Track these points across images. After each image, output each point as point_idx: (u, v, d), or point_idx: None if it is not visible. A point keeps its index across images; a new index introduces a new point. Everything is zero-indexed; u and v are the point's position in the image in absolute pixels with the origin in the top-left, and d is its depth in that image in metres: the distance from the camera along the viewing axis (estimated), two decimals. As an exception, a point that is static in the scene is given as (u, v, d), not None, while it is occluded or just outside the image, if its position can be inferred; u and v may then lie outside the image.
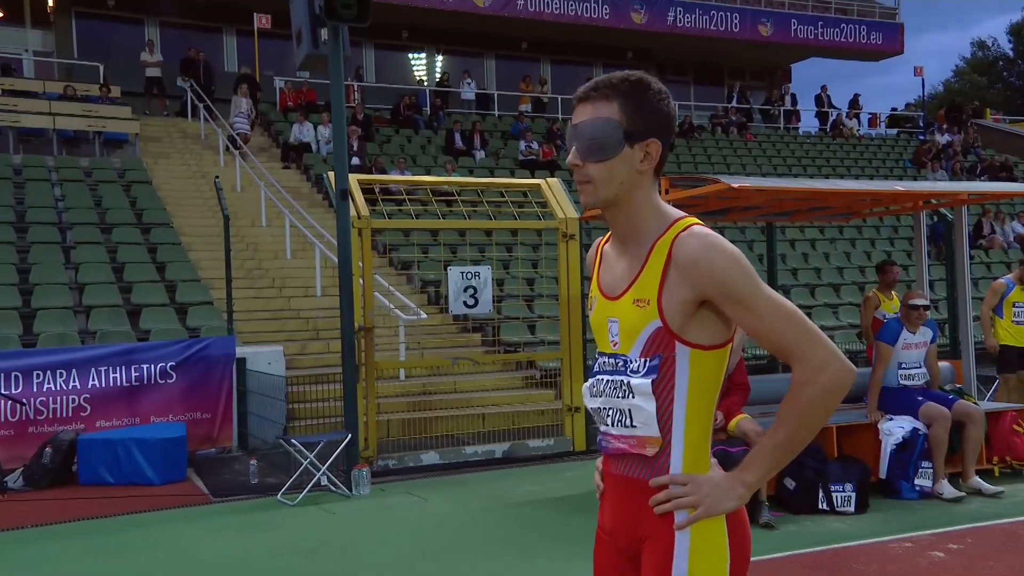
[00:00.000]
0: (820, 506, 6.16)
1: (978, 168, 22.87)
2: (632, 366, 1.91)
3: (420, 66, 24.53)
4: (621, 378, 1.93)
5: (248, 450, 8.84)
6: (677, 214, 1.93)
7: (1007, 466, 7.04)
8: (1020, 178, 22.44)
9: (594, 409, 2.03)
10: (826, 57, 27.41)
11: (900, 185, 8.62)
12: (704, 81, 27.28)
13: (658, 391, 1.87)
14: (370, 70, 22.84)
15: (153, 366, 8.56)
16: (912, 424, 6.53)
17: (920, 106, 29.95)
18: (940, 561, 5.09)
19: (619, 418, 1.94)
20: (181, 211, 14.15)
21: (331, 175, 7.87)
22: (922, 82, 27.94)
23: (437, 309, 12.01)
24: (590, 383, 2.04)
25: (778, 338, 1.83)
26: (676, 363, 1.87)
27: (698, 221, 1.90)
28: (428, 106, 20.85)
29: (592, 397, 2.02)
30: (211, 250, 12.76)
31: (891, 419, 6.62)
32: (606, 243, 2.08)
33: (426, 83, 23.39)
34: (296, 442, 7.15)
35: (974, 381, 7.92)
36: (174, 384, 8.63)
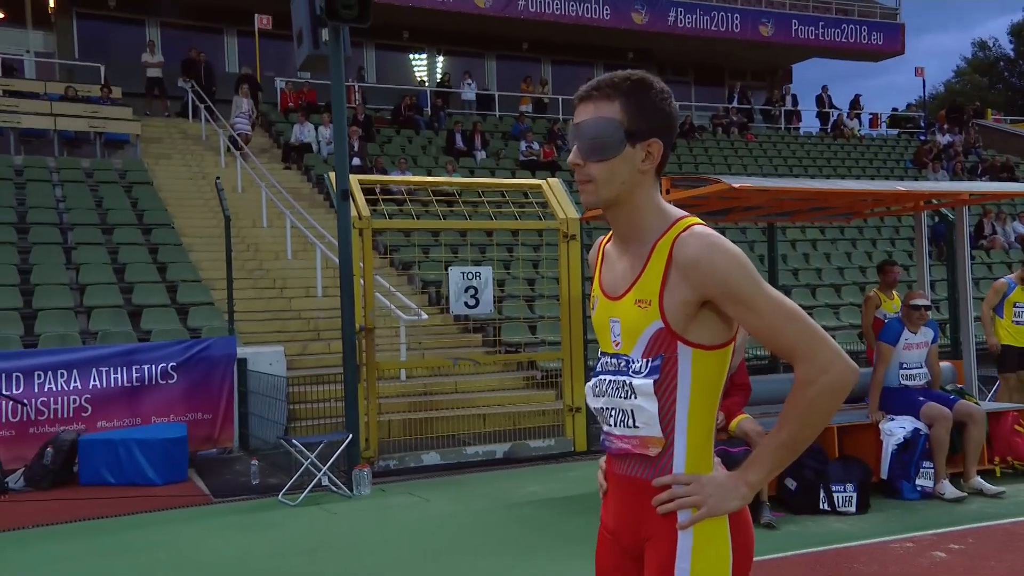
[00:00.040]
0: (821, 506, 6.16)
1: (979, 168, 22.86)
2: (634, 366, 1.91)
3: (421, 67, 24.54)
4: (623, 378, 1.93)
5: (249, 450, 8.85)
6: (678, 213, 1.93)
7: (1008, 466, 7.03)
8: (1021, 178, 22.42)
9: (597, 409, 2.02)
10: (827, 57, 27.40)
11: (901, 185, 8.61)
12: (705, 81, 27.28)
13: (660, 391, 1.87)
14: (371, 71, 22.85)
15: (154, 367, 8.58)
16: (913, 424, 6.53)
17: (921, 106, 29.96)
18: (941, 561, 5.09)
19: (622, 418, 1.94)
20: (182, 212, 14.16)
21: (332, 175, 7.87)
22: (923, 82, 27.99)
23: (438, 309, 12.01)
24: (593, 383, 2.03)
25: (780, 338, 1.82)
26: (678, 363, 1.86)
27: (699, 221, 1.90)
28: (429, 107, 20.86)
29: (595, 397, 2.02)
30: (212, 251, 12.77)
31: (892, 419, 6.62)
32: (608, 242, 2.07)
33: (427, 84, 23.40)
34: (297, 442, 7.16)
35: (975, 381, 7.92)
36: (175, 384, 8.63)
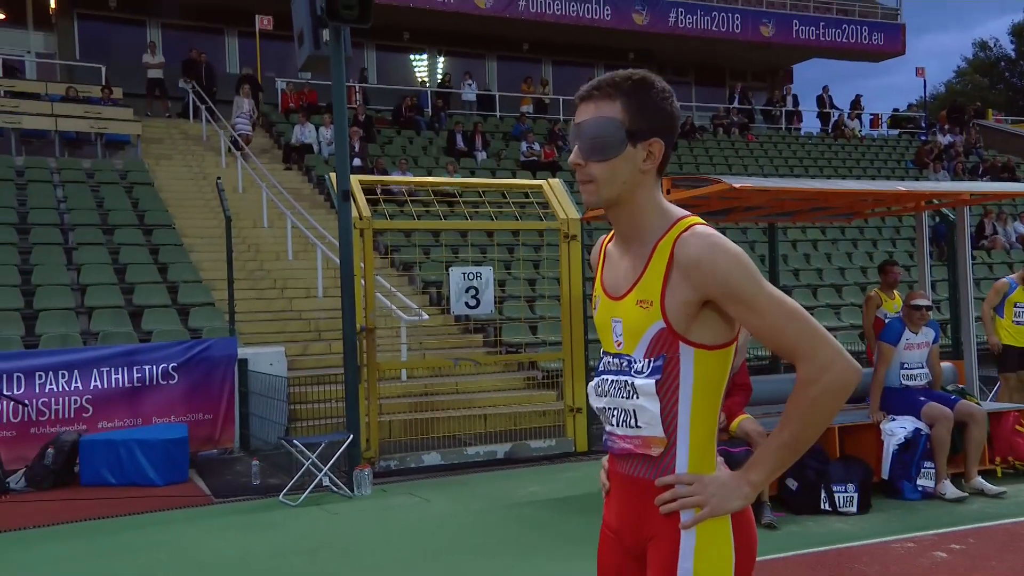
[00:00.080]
0: (822, 506, 6.16)
1: (980, 169, 22.84)
2: (636, 366, 1.90)
3: (422, 67, 24.54)
4: (625, 378, 1.92)
5: (250, 451, 8.85)
6: (680, 213, 1.92)
7: (1009, 466, 7.03)
8: (1022, 178, 22.42)
9: (599, 409, 2.02)
10: (828, 58, 27.39)
11: (902, 185, 8.61)
12: (705, 82, 27.26)
13: (662, 391, 1.87)
14: (372, 71, 22.85)
15: (155, 367, 8.58)
16: (914, 424, 6.52)
17: (922, 107, 29.94)
18: (942, 561, 5.08)
19: (624, 418, 1.94)
20: (183, 212, 14.17)
21: (333, 176, 7.87)
22: (924, 83, 27.99)
23: (439, 310, 12.02)
24: (595, 383, 2.03)
25: (782, 337, 1.82)
26: (680, 363, 1.86)
27: (701, 220, 1.89)
28: (430, 107, 20.86)
29: (597, 397, 2.02)
30: (213, 251, 12.77)
31: (893, 419, 6.62)
32: (610, 241, 2.06)
33: (428, 84, 23.40)
34: (298, 443, 7.15)
35: (976, 381, 7.91)
36: (176, 385, 8.64)
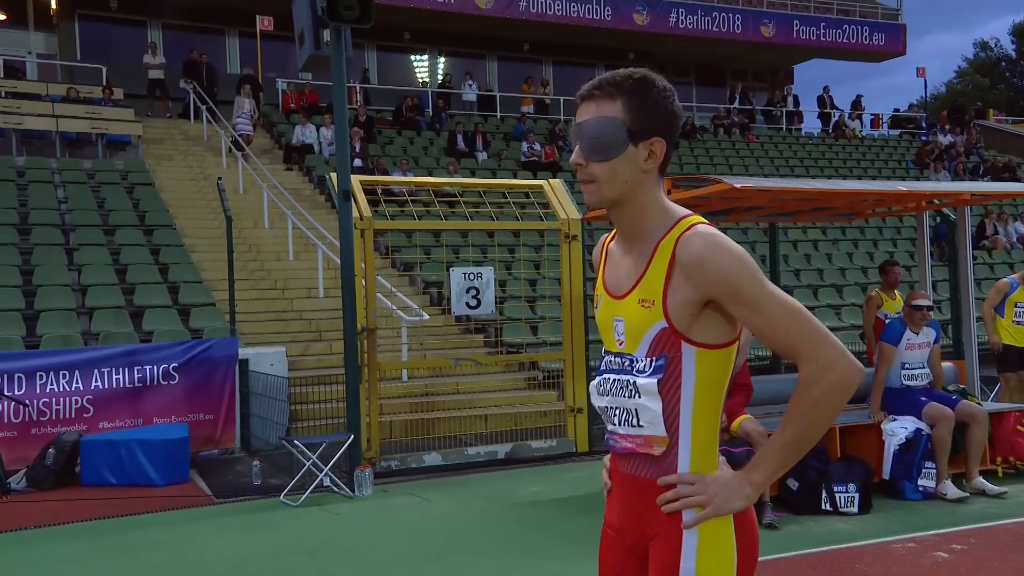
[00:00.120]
0: (823, 506, 6.15)
1: (981, 169, 22.83)
2: (638, 365, 1.90)
3: (422, 68, 24.54)
4: (627, 377, 1.92)
5: (251, 451, 8.85)
6: (682, 212, 1.92)
7: (1011, 466, 7.02)
8: (1023, 179, 22.40)
9: (601, 408, 2.02)
10: (828, 58, 27.39)
11: (903, 185, 8.60)
12: (706, 82, 27.26)
13: (664, 391, 1.87)
14: (372, 72, 22.86)
15: (156, 367, 8.58)
16: (915, 424, 6.52)
17: (922, 107, 29.92)
18: (944, 562, 5.08)
19: (626, 417, 1.93)
20: (184, 213, 14.17)
21: (333, 176, 7.87)
22: (924, 83, 27.99)
23: (439, 310, 12.02)
24: (597, 381, 2.03)
25: (784, 337, 1.82)
26: (682, 363, 1.86)
27: (703, 220, 1.89)
28: (430, 107, 20.87)
29: (599, 396, 2.02)
30: (213, 251, 12.77)
31: (894, 419, 6.62)
32: (612, 241, 2.06)
33: (428, 85, 23.40)
34: (299, 443, 7.15)
35: (977, 382, 7.91)
36: (177, 385, 8.64)
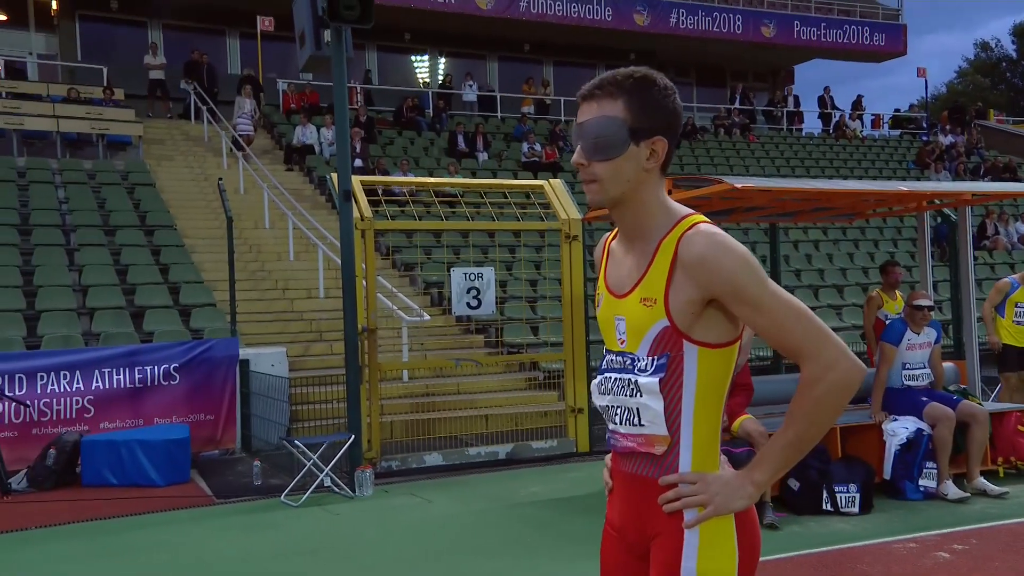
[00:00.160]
0: (824, 507, 6.15)
1: (981, 169, 22.83)
2: (640, 364, 1.90)
3: (423, 68, 24.55)
4: (629, 376, 1.92)
5: (251, 452, 8.85)
6: (684, 211, 1.92)
7: (1012, 467, 7.02)
8: (1023, 179, 22.40)
9: (602, 407, 2.02)
10: (829, 58, 27.39)
11: (904, 185, 8.60)
12: (707, 83, 27.27)
13: (666, 390, 1.86)
14: (373, 72, 22.87)
15: (157, 368, 8.58)
16: (916, 425, 6.52)
17: (923, 107, 29.92)
18: (945, 562, 5.08)
19: (627, 416, 1.93)
20: (184, 213, 14.17)
21: (334, 177, 7.88)
22: (925, 83, 28.03)
23: (440, 310, 12.03)
24: (598, 380, 2.03)
25: (787, 337, 1.82)
26: (684, 362, 1.86)
27: (705, 219, 1.89)
28: (431, 108, 20.87)
29: (600, 395, 2.01)
30: (214, 252, 12.77)
31: (895, 420, 6.61)
32: (613, 239, 2.06)
33: (429, 85, 23.41)
34: (299, 443, 7.15)
35: (978, 382, 7.91)
36: (178, 386, 8.64)
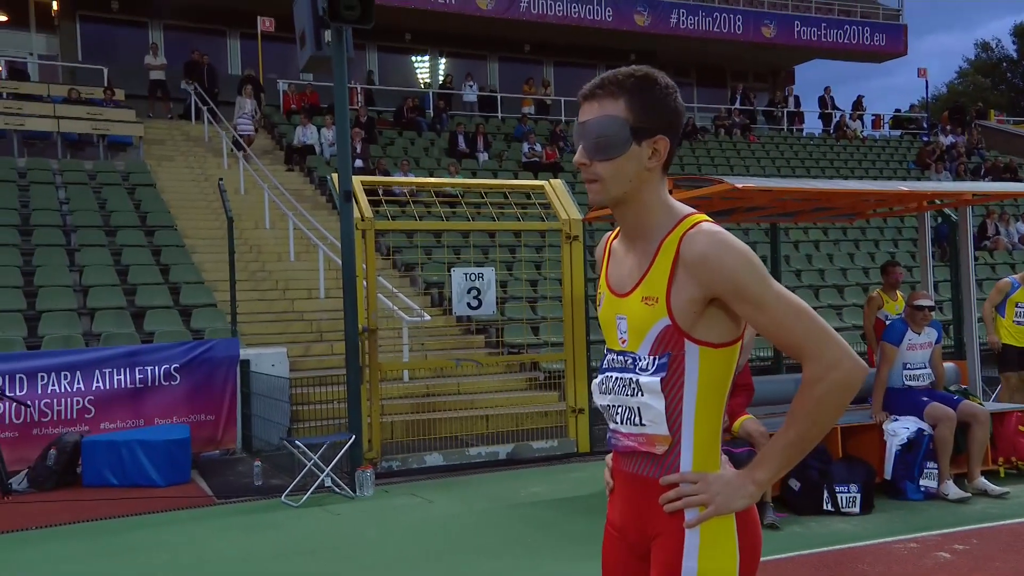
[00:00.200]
0: (825, 507, 6.15)
1: (982, 169, 22.83)
2: (641, 364, 1.90)
3: (423, 68, 24.55)
4: (630, 376, 1.92)
5: (252, 452, 8.85)
6: (686, 210, 1.92)
7: (1012, 467, 7.02)
8: (1024, 179, 22.40)
9: (603, 406, 2.01)
10: (829, 59, 27.39)
11: (904, 185, 8.59)
12: (707, 83, 27.27)
13: (667, 389, 1.86)
14: (374, 72, 22.88)
15: (157, 368, 8.58)
16: (917, 425, 6.51)
17: (924, 107, 29.92)
18: (946, 562, 5.07)
19: (628, 416, 1.93)
20: (185, 213, 14.18)
21: (335, 177, 7.87)
22: (926, 83, 28.02)
23: (440, 311, 12.03)
24: (599, 380, 2.02)
25: (789, 336, 1.82)
26: (685, 361, 1.85)
27: (707, 218, 1.89)
28: (431, 108, 20.87)
29: (601, 394, 2.01)
30: (215, 252, 12.77)
31: (896, 420, 6.61)
32: (615, 239, 2.06)
33: (429, 85, 23.41)
34: (300, 444, 7.15)
35: (979, 382, 7.90)
36: (178, 386, 8.64)
